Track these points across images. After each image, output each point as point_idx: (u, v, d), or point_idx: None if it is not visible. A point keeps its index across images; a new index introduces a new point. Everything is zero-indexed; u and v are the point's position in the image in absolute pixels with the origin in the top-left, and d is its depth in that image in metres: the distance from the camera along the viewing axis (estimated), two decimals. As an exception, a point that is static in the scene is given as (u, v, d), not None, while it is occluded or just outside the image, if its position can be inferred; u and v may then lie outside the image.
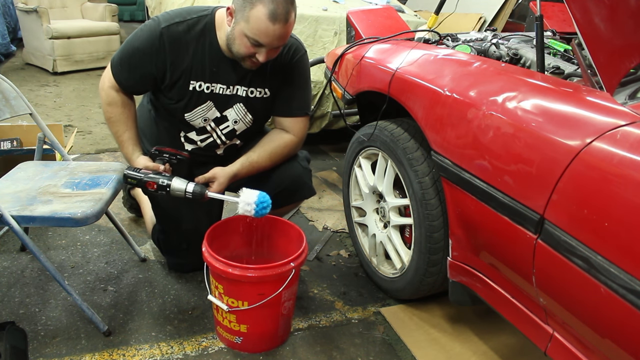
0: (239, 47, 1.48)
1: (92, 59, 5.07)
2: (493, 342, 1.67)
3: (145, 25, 1.58)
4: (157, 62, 1.56)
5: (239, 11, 1.43)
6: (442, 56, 1.63)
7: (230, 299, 1.48)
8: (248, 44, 1.45)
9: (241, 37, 1.45)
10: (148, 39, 1.54)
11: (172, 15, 1.56)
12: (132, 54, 1.57)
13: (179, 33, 1.53)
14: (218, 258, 1.45)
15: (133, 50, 1.57)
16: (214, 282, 1.52)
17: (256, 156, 1.66)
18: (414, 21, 3.20)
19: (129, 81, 1.61)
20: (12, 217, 1.48)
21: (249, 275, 1.42)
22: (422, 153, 1.60)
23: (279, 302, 1.50)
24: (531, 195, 1.13)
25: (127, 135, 1.65)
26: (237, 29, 1.45)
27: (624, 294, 0.93)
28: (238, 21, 1.44)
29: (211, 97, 1.63)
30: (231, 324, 1.53)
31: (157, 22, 1.55)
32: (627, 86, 1.17)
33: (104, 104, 1.65)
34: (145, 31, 1.55)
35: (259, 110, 1.70)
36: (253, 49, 1.46)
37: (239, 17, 1.43)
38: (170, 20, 1.54)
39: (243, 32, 1.44)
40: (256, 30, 1.41)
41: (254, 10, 1.39)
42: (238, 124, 1.70)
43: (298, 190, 1.83)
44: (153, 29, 1.54)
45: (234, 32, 1.47)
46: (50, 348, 1.54)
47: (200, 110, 1.64)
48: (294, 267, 1.47)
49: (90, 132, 3.40)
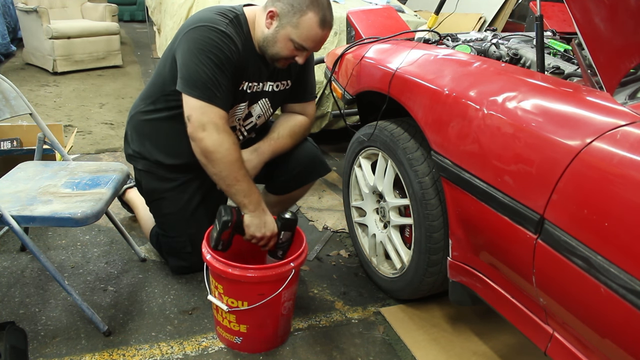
0: (281, 49, 1.49)
1: (92, 59, 5.08)
2: (493, 342, 1.67)
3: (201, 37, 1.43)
4: (234, 62, 1.48)
5: (286, 16, 1.44)
6: (442, 56, 1.63)
7: (230, 299, 1.48)
8: (292, 48, 1.49)
9: (286, 40, 1.47)
10: (223, 46, 1.44)
11: (211, 17, 1.47)
12: (220, 70, 1.43)
13: (235, 32, 1.50)
14: (218, 258, 1.45)
15: (217, 65, 1.43)
16: (214, 282, 1.52)
17: (276, 134, 1.67)
18: (414, 21, 3.20)
19: (229, 102, 1.48)
20: (12, 217, 1.48)
21: (249, 276, 1.42)
22: (422, 153, 1.60)
23: (278, 302, 1.50)
24: (531, 195, 1.13)
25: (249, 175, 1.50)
26: (282, 32, 1.47)
27: (624, 294, 0.93)
28: (284, 25, 1.45)
29: (248, 97, 1.63)
30: (231, 324, 1.52)
31: (210, 28, 1.43)
32: (627, 86, 1.17)
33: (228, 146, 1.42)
34: (213, 41, 1.43)
35: (279, 102, 1.75)
36: (295, 52, 1.50)
37: (284, 21, 1.45)
38: (219, 22, 1.46)
39: (289, 37, 1.46)
40: (306, 36, 1.45)
41: (305, 17, 1.43)
42: (260, 118, 1.73)
43: (315, 168, 1.86)
44: (218, 35, 1.43)
45: (277, 35, 1.48)
46: (50, 348, 1.54)
47: (238, 110, 1.63)
48: (294, 267, 1.47)
49: (90, 132, 3.40)
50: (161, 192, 1.77)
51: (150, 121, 1.73)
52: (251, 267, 1.42)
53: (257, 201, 1.50)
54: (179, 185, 1.73)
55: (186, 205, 1.69)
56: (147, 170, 1.77)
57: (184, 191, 1.76)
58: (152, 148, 1.74)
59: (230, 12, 1.54)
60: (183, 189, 1.76)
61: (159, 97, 1.67)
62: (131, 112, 1.81)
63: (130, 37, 6.91)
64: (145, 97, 1.74)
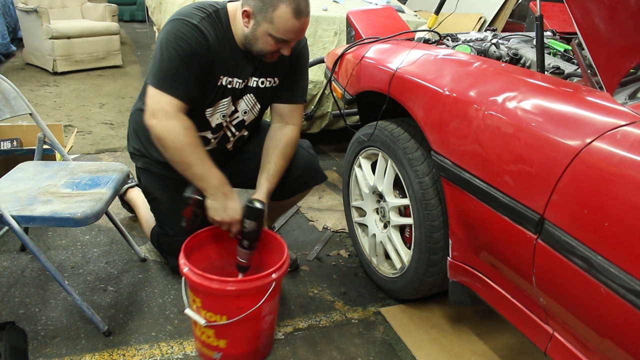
0: (263, 46, 1.49)
1: (92, 59, 5.08)
2: (493, 342, 1.67)
3: (174, 29, 1.45)
4: (203, 58, 1.48)
5: (259, 13, 1.43)
6: (442, 56, 1.63)
7: (208, 313, 1.41)
8: (273, 42, 1.47)
9: (265, 37, 1.47)
10: (190, 38, 1.45)
11: (189, 12, 1.49)
12: (180, 61, 1.44)
13: (210, 26, 1.50)
14: (195, 271, 1.37)
15: (179, 56, 1.44)
16: (192, 295, 1.44)
17: (274, 165, 1.65)
18: (414, 21, 3.20)
19: (188, 93, 1.47)
20: (12, 217, 1.48)
21: (228, 289, 1.35)
22: (422, 153, 1.60)
23: (259, 316, 1.43)
24: (531, 195, 1.13)
25: (210, 159, 1.50)
26: (259, 30, 1.46)
27: (624, 294, 0.93)
28: (260, 23, 1.45)
29: (231, 92, 1.62)
30: (209, 339, 1.45)
31: (184, 22, 1.45)
32: (627, 86, 1.17)
33: (177, 130, 1.44)
34: (180, 33, 1.44)
35: (267, 99, 1.72)
36: (277, 46, 1.49)
37: (259, 18, 1.44)
38: (195, 16, 1.48)
39: (267, 32, 1.45)
40: (283, 29, 1.43)
41: (278, 10, 1.41)
42: (247, 114, 1.72)
43: (311, 176, 1.85)
44: (187, 28, 1.44)
45: (255, 33, 1.47)
46: (50, 348, 1.54)
47: (221, 106, 1.63)
48: (275, 279, 1.40)
49: (90, 132, 3.40)
50: (159, 191, 1.77)
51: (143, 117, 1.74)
52: (230, 279, 1.36)
53: (215, 185, 1.50)
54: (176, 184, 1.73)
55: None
56: (146, 169, 1.78)
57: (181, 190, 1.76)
58: (148, 144, 1.75)
59: (210, 7, 1.54)
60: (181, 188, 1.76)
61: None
62: (131, 110, 1.84)
63: (130, 37, 6.91)
64: (141, 95, 1.76)
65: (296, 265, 2.02)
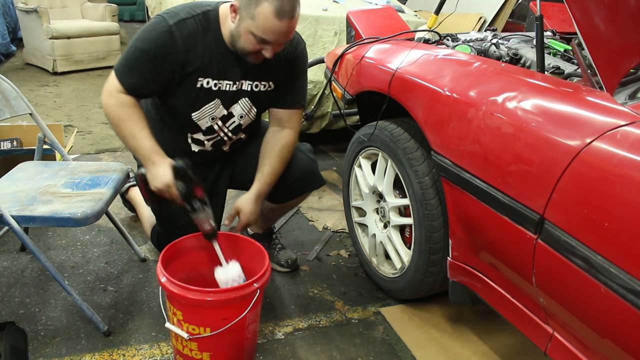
0: (244, 43, 1.47)
1: (92, 59, 5.08)
2: (493, 342, 1.67)
3: (151, 25, 1.50)
4: (169, 61, 1.50)
5: (244, 8, 1.41)
6: (442, 56, 1.63)
7: (190, 326, 1.37)
8: (254, 41, 1.45)
9: (247, 34, 1.44)
10: (158, 38, 1.48)
11: (177, 11, 1.51)
12: (141, 56, 1.49)
13: (187, 29, 1.49)
14: (176, 282, 1.33)
15: (142, 52, 1.49)
16: (172, 308, 1.39)
17: (269, 167, 1.65)
18: (414, 21, 3.20)
19: (138, 85, 1.53)
20: (12, 217, 1.48)
21: (209, 300, 1.31)
22: (422, 153, 1.60)
23: (243, 326, 1.40)
24: (531, 195, 1.13)
25: (145, 132, 1.52)
26: (242, 26, 1.44)
27: (624, 294, 0.93)
28: (243, 18, 1.42)
29: (219, 95, 1.61)
30: (192, 352, 1.41)
31: (163, 20, 1.48)
32: (627, 86, 1.17)
33: (112, 106, 1.52)
34: (153, 31, 1.48)
35: (263, 103, 1.71)
36: (259, 46, 1.46)
37: (244, 14, 1.42)
38: (177, 16, 1.49)
39: (249, 30, 1.43)
40: (263, 27, 1.40)
41: (260, 7, 1.38)
42: (244, 118, 1.70)
43: (309, 180, 1.84)
44: (161, 27, 1.47)
45: (239, 29, 1.45)
46: (50, 348, 1.54)
47: (208, 109, 1.63)
48: (258, 287, 1.37)
49: (90, 132, 3.40)
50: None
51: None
52: (212, 290, 1.33)
53: (144, 155, 1.51)
54: None
55: None
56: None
57: None
58: None
59: (201, 8, 1.53)
60: None
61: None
62: None
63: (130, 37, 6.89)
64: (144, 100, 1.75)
65: (296, 265, 2.02)
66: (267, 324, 1.71)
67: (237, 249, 1.59)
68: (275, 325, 1.71)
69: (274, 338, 1.65)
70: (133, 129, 1.52)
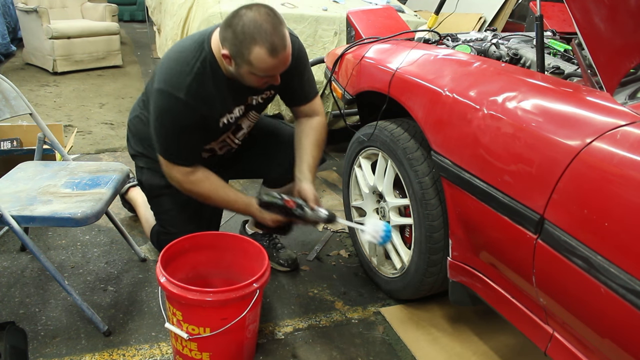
0: (250, 82, 1.50)
1: (92, 59, 5.07)
2: (493, 342, 1.67)
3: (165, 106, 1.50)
4: (198, 121, 1.54)
5: (237, 56, 1.41)
6: (442, 56, 1.63)
7: (190, 326, 1.37)
8: (258, 79, 1.48)
9: (249, 75, 1.46)
10: (180, 115, 1.50)
11: (175, 74, 1.49)
12: (178, 136, 1.53)
13: (198, 90, 1.49)
14: (175, 283, 1.34)
15: (175, 132, 1.53)
16: (171, 308, 1.40)
17: (310, 156, 1.70)
18: (414, 21, 3.20)
19: (192, 154, 1.60)
20: (12, 217, 1.48)
21: (209, 300, 1.32)
22: (422, 153, 1.60)
23: (242, 326, 1.40)
24: (531, 195, 1.13)
25: (227, 194, 1.63)
26: (242, 71, 1.46)
27: (624, 294, 0.93)
28: (240, 65, 1.44)
29: (234, 121, 1.68)
30: (192, 353, 1.41)
31: (172, 97, 1.48)
32: (627, 86, 1.17)
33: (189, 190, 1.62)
34: (171, 111, 1.50)
35: (266, 106, 1.77)
36: (265, 80, 1.49)
37: (239, 61, 1.43)
38: (181, 84, 1.47)
39: (250, 72, 1.45)
40: (262, 69, 1.42)
41: (253, 53, 1.38)
42: (250, 127, 1.78)
43: None
44: (177, 105, 1.48)
45: (239, 72, 1.47)
46: (50, 348, 1.54)
47: (225, 135, 1.72)
48: (258, 287, 1.38)
49: (90, 132, 3.40)
50: (162, 188, 1.78)
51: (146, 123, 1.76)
52: (211, 290, 1.33)
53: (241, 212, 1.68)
54: None
55: (187, 201, 1.70)
56: (150, 168, 1.78)
57: None
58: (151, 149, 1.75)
59: (192, 56, 1.50)
60: None
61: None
62: (130, 115, 1.85)
63: (130, 37, 6.90)
64: (143, 106, 1.78)
65: (296, 264, 2.02)
66: (267, 324, 1.71)
67: (236, 249, 1.59)
68: (275, 325, 1.71)
69: (274, 338, 1.65)
70: (216, 198, 1.62)
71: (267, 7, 1.41)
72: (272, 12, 1.40)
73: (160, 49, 4.46)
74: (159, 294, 1.47)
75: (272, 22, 1.37)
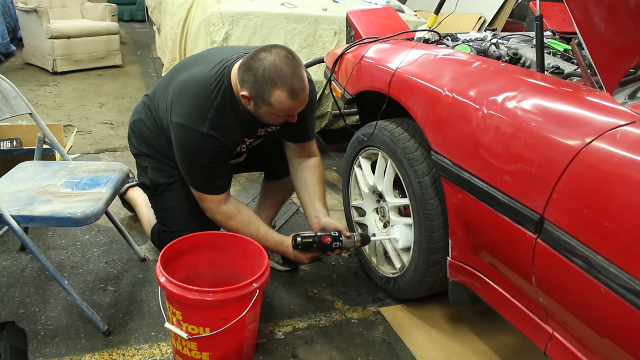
0: (269, 120, 1.56)
1: (92, 59, 5.07)
2: (493, 342, 1.67)
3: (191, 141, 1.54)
4: (224, 153, 1.59)
5: (257, 98, 1.45)
6: (442, 56, 1.63)
7: (190, 326, 1.37)
8: (278, 117, 1.52)
9: (269, 114, 1.51)
10: (207, 148, 1.54)
11: (197, 108, 1.52)
12: (208, 167, 1.57)
13: (220, 124, 1.53)
14: (175, 283, 1.33)
15: (204, 164, 1.57)
16: (171, 308, 1.39)
17: (320, 194, 1.77)
18: (414, 21, 3.20)
19: (225, 182, 1.65)
20: (12, 217, 1.48)
21: (209, 300, 1.32)
22: (422, 153, 1.60)
23: (243, 326, 1.41)
24: (531, 195, 1.13)
25: (259, 230, 1.66)
26: (262, 111, 1.50)
27: (624, 294, 0.93)
28: (260, 105, 1.48)
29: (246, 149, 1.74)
30: (192, 353, 1.41)
31: (194, 131, 1.51)
32: (627, 86, 1.17)
33: (225, 223, 1.66)
34: (198, 144, 1.53)
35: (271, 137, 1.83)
36: (284, 118, 1.54)
37: (259, 102, 1.47)
38: (204, 118, 1.51)
39: (270, 112, 1.49)
40: (283, 110, 1.47)
41: (274, 96, 1.42)
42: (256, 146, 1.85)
43: None
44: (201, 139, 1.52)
45: (259, 112, 1.51)
46: (50, 348, 1.54)
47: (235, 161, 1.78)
48: (258, 287, 1.38)
49: (90, 132, 3.40)
50: (166, 185, 1.79)
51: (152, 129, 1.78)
52: (211, 290, 1.33)
53: (275, 250, 1.69)
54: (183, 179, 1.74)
55: (189, 198, 1.70)
56: (154, 167, 1.79)
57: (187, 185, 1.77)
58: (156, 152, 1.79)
59: (212, 90, 1.52)
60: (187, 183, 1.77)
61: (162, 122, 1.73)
62: (133, 118, 1.85)
63: (130, 37, 6.90)
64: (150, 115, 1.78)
65: (296, 265, 2.02)
66: (267, 324, 1.71)
67: (236, 249, 1.59)
68: (275, 325, 1.71)
69: (274, 338, 1.65)
70: (246, 233, 1.63)
71: (285, 49, 1.44)
72: (291, 55, 1.44)
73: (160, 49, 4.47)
74: (159, 294, 1.47)
75: (291, 65, 1.42)
